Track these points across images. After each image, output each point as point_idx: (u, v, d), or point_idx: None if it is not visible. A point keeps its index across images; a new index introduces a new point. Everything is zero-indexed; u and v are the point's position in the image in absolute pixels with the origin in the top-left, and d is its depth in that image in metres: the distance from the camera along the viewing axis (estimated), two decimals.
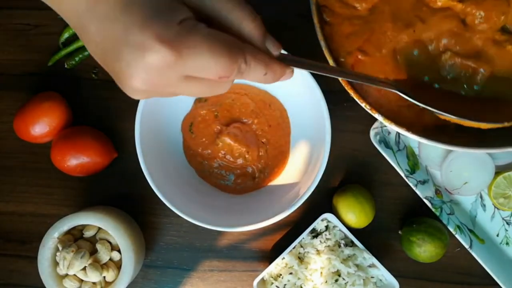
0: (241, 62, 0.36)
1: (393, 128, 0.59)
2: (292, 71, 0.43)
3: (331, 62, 0.61)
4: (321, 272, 0.70)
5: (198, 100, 0.75)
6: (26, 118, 0.71)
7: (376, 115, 0.60)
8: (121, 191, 0.76)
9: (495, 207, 0.75)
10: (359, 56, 0.62)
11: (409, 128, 0.59)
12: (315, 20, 0.61)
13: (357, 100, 0.61)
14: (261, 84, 0.74)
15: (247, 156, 0.73)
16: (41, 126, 0.71)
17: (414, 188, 0.72)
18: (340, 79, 0.61)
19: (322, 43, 0.61)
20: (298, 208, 0.67)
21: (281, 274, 0.72)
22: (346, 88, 0.61)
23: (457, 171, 0.72)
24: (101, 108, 0.76)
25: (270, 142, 0.74)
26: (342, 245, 0.71)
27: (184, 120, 0.75)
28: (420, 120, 0.62)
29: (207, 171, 0.74)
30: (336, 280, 0.70)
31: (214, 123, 0.74)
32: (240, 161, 0.74)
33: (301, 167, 0.72)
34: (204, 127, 0.74)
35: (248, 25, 0.41)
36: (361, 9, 0.64)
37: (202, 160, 0.74)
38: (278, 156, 0.73)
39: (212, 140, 0.74)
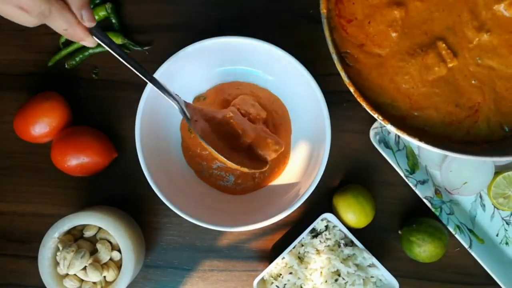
0: (45, 9, 0.46)
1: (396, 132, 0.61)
2: (94, 42, 0.54)
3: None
4: (321, 272, 0.70)
5: (197, 99, 0.75)
6: (27, 118, 0.71)
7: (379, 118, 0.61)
8: (121, 191, 0.76)
9: (494, 207, 0.75)
10: None
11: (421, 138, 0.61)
12: (339, 67, 0.63)
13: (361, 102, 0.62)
14: (262, 83, 0.74)
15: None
16: (41, 126, 0.71)
17: (414, 188, 0.72)
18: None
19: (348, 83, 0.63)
20: (298, 208, 0.67)
21: (281, 274, 0.72)
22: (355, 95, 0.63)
23: (456, 171, 0.72)
24: (101, 108, 0.76)
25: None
26: (342, 245, 0.71)
27: (183, 119, 0.75)
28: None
29: (206, 172, 0.74)
30: (336, 280, 0.70)
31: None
32: None
33: (301, 167, 0.72)
34: None
35: None
36: (384, 54, 0.66)
37: (201, 161, 0.74)
38: (279, 156, 0.73)
39: None
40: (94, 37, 0.53)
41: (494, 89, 0.65)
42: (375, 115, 0.61)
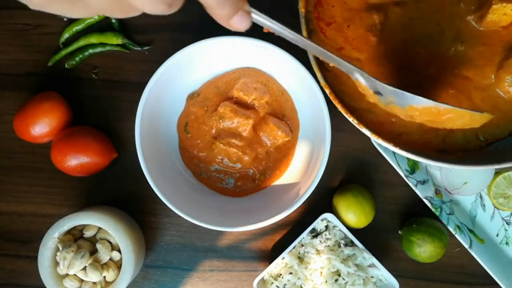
0: None
1: (380, 142, 0.61)
2: (248, 23, 0.38)
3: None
4: (321, 272, 0.70)
5: (190, 97, 0.74)
6: (26, 118, 0.71)
7: (364, 130, 0.60)
8: (121, 191, 0.76)
9: (494, 207, 0.75)
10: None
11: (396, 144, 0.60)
12: (316, 69, 0.62)
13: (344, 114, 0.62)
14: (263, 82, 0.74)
15: (245, 158, 0.72)
16: (41, 126, 0.71)
17: (414, 188, 0.72)
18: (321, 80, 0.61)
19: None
20: (298, 208, 0.67)
21: (281, 274, 0.72)
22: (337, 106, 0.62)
23: (457, 171, 0.72)
24: (101, 108, 0.76)
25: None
26: (342, 245, 0.71)
27: (179, 119, 0.75)
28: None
29: (204, 174, 0.74)
30: (336, 280, 0.70)
31: (208, 121, 0.73)
32: (238, 165, 0.74)
33: (301, 167, 0.72)
34: (198, 127, 0.74)
35: None
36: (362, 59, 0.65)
37: (199, 163, 0.74)
38: (282, 159, 0.73)
39: (208, 144, 0.74)
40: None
41: (470, 99, 0.64)
42: (351, 119, 0.60)
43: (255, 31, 0.71)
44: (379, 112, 0.64)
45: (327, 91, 0.61)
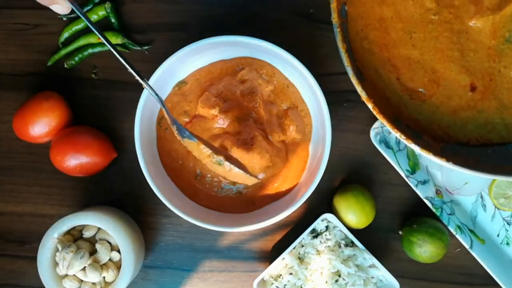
0: None
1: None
2: (67, 7, 0.53)
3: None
4: (321, 273, 0.70)
5: (178, 85, 0.72)
6: (26, 118, 0.71)
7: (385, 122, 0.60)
8: (121, 191, 0.76)
9: (495, 207, 0.75)
10: None
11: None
12: (355, 82, 0.61)
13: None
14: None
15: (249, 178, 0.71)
16: (40, 126, 0.71)
17: (414, 188, 0.72)
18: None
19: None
20: (298, 208, 0.67)
21: (281, 275, 0.71)
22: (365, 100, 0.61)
23: (457, 171, 0.72)
24: (100, 108, 0.76)
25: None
26: (342, 245, 0.71)
27: (159, 119, 0.72)
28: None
29: (201, 179, 0.73)
30: (336, 281, 0.70)
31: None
32: (240, 186, 0.72)
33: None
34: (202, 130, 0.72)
35: None
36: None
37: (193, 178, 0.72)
38: (282, 159, 0.72)
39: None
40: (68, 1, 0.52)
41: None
42: (397, 134, 0.60)
43: (255, 31, 0.71)
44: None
45: (370, 106, 0.60)
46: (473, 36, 0.65)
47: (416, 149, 0.60)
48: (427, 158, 0.73)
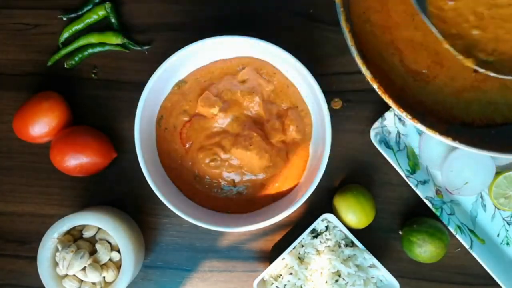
0: None
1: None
2: None
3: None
4: (321, 273, 0.70)
5: (177, 85, 0.72)
6: (26, 118, 0.71)
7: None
8: (121, 191, 0.76)
9: (495, 207, 0.75)
10: None
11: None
12: (359, 62, 0.61)
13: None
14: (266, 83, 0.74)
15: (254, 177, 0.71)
16: (40, 126, 0.71)
17: (414, 188, 0.72)
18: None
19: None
20: (298, 208, 0.67)
21: (281, 275, 0.71)
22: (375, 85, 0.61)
23: (457, 171, 0.72)
24: (100, 108, 0.76)
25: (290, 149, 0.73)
26: (342, 245, 0.71)
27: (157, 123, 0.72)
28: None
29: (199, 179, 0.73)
30: (336, 281, 0.70)
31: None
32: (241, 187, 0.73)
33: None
34: (199, 130, 0.72)
35: None
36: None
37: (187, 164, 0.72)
38: (282, 159, 0.72)
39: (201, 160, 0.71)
40: None
41: None
42: (403, 113, 0.60)
43: (255, 31, 0.71)
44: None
45: (375, 86, 0.60)
46: None
47: (422, 128, 0.60)
48: (427, 158, 0.74)
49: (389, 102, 0.60)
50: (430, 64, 0.65)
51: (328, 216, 0.71)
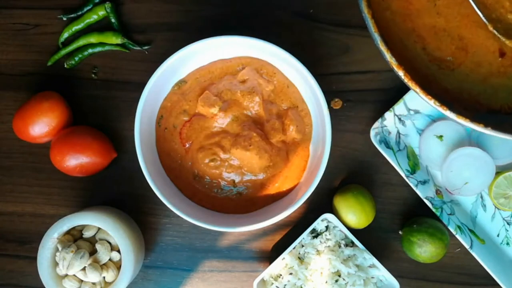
0: None
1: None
2: None
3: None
4: (321, 273, 0.70)
5: (177, 85, 0.72)
6: (26, 118, 0.71)
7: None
8: (121, 191, 0.76)
9: (495, 207, 0.75)
10: None
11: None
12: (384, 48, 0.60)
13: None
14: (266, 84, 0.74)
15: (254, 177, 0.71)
16: (40, 126, 0.71)
17: (414, 188, 0.72)
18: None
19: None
20: (298, 208, 0.67)
21: (281, 275, 0.71)
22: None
23: (457, 171, 0.72)
24: (100, 108, 0.76)
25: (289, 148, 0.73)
26: (342, 245, 0.71)
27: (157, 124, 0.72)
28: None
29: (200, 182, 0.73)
30: (337, 281, 0.70)
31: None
32: (241, 188, 0.72)
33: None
34: (198, 130, 0.72)
35: None
36: None
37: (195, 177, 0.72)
38: (283, 159, 0.73)
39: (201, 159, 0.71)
40: None
41: None
42: (431, 101, 0.58)
43: (255, 31, 0.71)
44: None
45: (401, 72, 0.59)
46: None
47: (452, 116, 0.58)
48: (427, 158, 0.74)
49: (416, 89, 0.58)
50: (455, 51, 0.63)
51: (328, 216, 0.71)
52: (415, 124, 0.74)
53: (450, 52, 0.64)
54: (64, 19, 0.76)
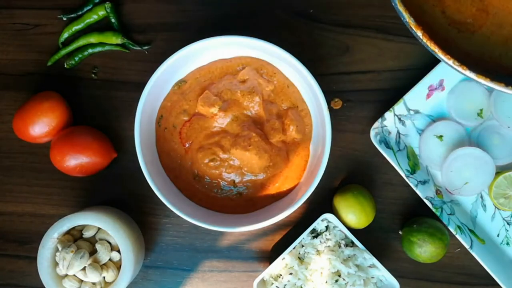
0: None
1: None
2: None
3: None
4: (321, 273, 0.70)
5: (177, 85, 0.72)
6: (26, 118, 0.71)
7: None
8: (121, 191, 0.76)
9: (495, 207, 0.75)
10: None
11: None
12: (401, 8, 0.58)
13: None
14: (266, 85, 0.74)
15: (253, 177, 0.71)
16: (40, 126, 0.71)
17: (414, 188, 0.72)
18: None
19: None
20: (298, 208, 0.67)
21: (281, 275, 0.71)
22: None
23: (457, 171, 0.72)
24: (100, 108, 0.76)
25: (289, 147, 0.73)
26: (342, 245, 0.71)
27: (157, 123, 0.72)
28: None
29: (200, 182, 0.73)
30: (337, 281, 0.70)
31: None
32: (241, 188, 0.72)
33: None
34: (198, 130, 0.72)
35: None
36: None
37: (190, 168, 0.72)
38: (283, 159, 0.73)
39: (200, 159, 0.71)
40: None
41: None
42: (450, 61, 0.57)
43: (255, 31, 0.71)
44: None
45: (419, 32, 0.57)
46: None
47: (472, 76, 0.57)
48: (427, 158, 0.74)
49: (435, 49, 0.57)
50: (475, 13, 0.62)
51: (328, 216, 0.71)
52: (415, 124, 0.74)
53: (471, 14, 0.62)
54: (64, 19, 0.76)
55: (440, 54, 0.57)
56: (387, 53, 0.75)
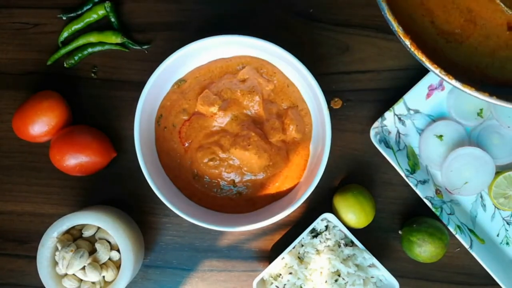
0: None
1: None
2: None
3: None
4: (321, 272, 0.70)
5: (177, 84, 0.72)
6: (25, 117, 0.71)
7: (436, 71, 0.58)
8: (121, 190, 0.76)
9: (495, 207, 0.75)
10: None
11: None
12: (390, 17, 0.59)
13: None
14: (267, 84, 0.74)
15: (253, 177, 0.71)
16: (40, 125, 0.71)
17: (414, 188, 0.72)
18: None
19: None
20: (298, 208, 0.67)
21: (281, 274, 0.71)
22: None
23: (457, 171, 0.72)
24: (100, 107, 0.76)
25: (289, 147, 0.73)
26: (342, 245, 0.71)
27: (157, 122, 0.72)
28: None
29: (200, 182, 0.73)
30: (336, 280, 0.70)
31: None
32: (241, 187, 0.72)
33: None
34: (197, 130, 0.72)
35: None
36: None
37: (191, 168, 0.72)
38: (283, 159, 0.73)
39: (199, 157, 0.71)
40: None
41: None
42: (437, 70, 0.58)
43: (255, 31, 0.71)
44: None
45: (408, 41, 0.58)
46: None
47: (457, 85, 0.58)
48: (427, 157, 0.74)
49: (422, 58, 0.58)
50: (463, 23, 0.63)
51: (328, 215, 0.71)
52: (415, 123, 0.74)
53: (459, 25, 0.63)
54: (64, 18, 0.76)
55: (427, 63, 0.59)
56: (387, 52, 0.75)
